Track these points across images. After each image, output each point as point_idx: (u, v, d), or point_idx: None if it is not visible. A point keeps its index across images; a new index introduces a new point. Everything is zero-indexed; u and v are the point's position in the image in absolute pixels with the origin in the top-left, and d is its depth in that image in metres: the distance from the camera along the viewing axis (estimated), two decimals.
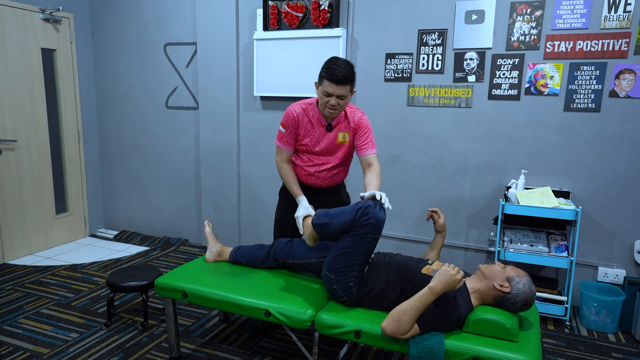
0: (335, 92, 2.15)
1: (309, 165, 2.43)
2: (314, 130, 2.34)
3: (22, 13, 3.79)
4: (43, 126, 4.03)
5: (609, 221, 3.01)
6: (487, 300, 1.95)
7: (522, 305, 1.91)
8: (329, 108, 2.21)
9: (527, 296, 1.90)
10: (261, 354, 2.55)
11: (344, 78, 2.13)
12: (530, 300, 1.91)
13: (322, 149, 2.37)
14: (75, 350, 2.53)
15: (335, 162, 2.42)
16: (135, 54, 4.27)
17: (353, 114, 2.35)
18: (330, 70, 2.13)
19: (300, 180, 2.46)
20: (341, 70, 2.12)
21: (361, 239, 1.99)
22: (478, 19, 3.10)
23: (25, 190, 3.94)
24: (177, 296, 2.32)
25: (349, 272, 2.05)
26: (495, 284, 1.92)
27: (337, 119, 2.33)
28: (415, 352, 1.82)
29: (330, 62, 2.17)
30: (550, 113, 3.03)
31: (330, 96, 2.17)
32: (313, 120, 2.33)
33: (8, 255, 3.86)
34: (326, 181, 2.46)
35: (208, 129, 4.02)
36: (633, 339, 2.82)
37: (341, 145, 2.37)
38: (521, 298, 1.89)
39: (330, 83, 2.13)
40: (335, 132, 2.34)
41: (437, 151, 3.36)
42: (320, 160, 2.41)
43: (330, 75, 2.12)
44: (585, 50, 2.90)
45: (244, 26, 3.77)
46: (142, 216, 4.58)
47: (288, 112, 2.33)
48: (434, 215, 2.37)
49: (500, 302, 1.92)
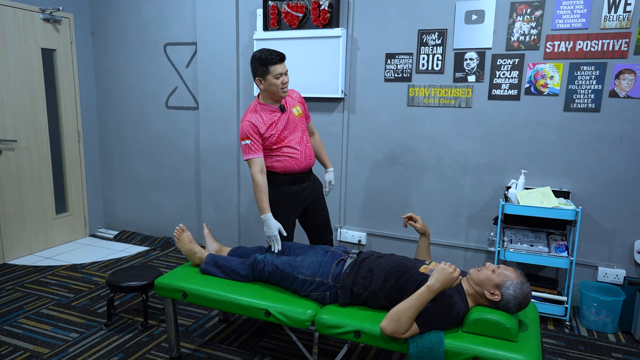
0: (283, 70, 2.46)
1: (294, 151, 2.58)
2: (273, 120, 2.53)
3: (22, 13, 3.79)
4: (43, 126, 4.03)
5: (609, 221, 3.01)
6: (481, 304, 1.96)
7: (516, 309, 1.90)
8: (282, 87, 2.47)
9: (519, 300, 1.88)
10: (261, 354, 2.55)
11: (283, 55, 2.46)
12: (524, 302, 1.90)
13: (290, 130, 2.58)
14: (75, 350, 2.53)
15: (305, 134, 2.68)
16: (135, 54, 4.27)
17: (291, 92, 2.67)
18: (272, 55, 2.42)
19: (296, 172, 2.60)
20: (275, 52, 2.44)
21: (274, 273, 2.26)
22: (478, 19, 3.10)
23: (25, 190, 3.94)
24: (177, 296, 2.32)
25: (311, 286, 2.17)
26: (486, 293, 1.91)
27: (283, 100, 2.59)
28: (414, 352, 1.82)
29: (260, 53, 2.44)
30: (550, 113, 3.04)
31: (281, 76, 2.44)
32: (267, 115, 2.53)
33: (8, 255, 3.86)
34: (310, 155, 2.67)
35: (208, 129, 4.02)
36: (633, 339, 2.82)
37: (300, 117, 2.64)
38: (513, 304, 1.88)
39: (278, 64, 2.43)
40: (289, 110, 2.59)
41: (437, 151, 3.36)
42: (296, 140, 2.60)
43: (275, 58, 2.42)
44: (585, 50, 2.90)
45: (244, 26, 3.77)
46: (142, 216, 4.58)
47: (242, 126, 2.48)
48: (410, 221, 2.41)
49: (495, 307, 1.93)
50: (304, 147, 2.62)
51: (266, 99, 2.54)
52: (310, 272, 2.17)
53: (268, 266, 2.27)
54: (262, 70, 2.43)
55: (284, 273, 2.22)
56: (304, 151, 2.61)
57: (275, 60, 2.41)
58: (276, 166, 2.57)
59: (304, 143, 2.63)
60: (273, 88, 2.46)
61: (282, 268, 2.23)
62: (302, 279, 2.17)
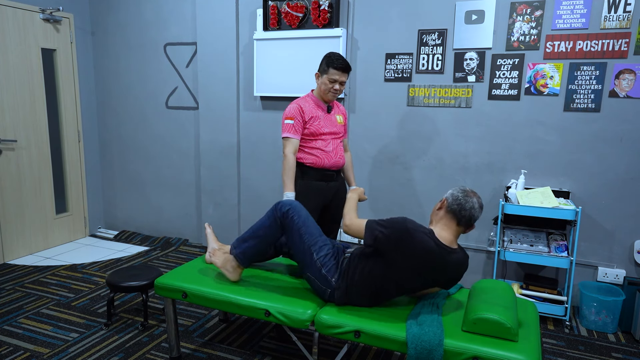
0: (339, 79, 2.57)
1: (326, 146, 2.68)
2: (317, 114, 2.66)
3: (22, 13, 3.79)
4: (43, 126, 4.04)
5: (609, 221, 3.02)
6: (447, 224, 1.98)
7: (465, 196, 1.96)
8: (332, 92, 2.61)
9: (457, 197, 1.96)
10: (261, 354, 2.55)
11: (347, 67, 2.58)
12: (467, 189, 1.98)
13: (330, 129, 2.70)
14: (75, 350, 2.53)
15: (340, 140, 2.78)
16: (135, 54, 4.27)
17: (337, 104, 2.83)
18: (337, 60, 2.55)
19: (325, 168, 2.68)
20: (343, 61, 2.57)
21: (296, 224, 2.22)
22: (478, 19, 3.10)
23: (25, 190, 3.94)
24: (177, 296, 2.32)
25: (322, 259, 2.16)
26: (434, 209, 2.04)
27: (332, 103, 2.74)
28: (413, 352, 1.82)
29: (332, 54, 2.58)
30: (550, 113, 3.04)
31: (335, 82, 2.57)
32: (314, 106, 2.67)
33: (8, 255, 3.86)
34: (341, 155, 2.76)
35: (208, 129, 4.02)
36: (633, 339, 2.82)
37: (340, 125, 2.78)
38: (455, 193, 1.97)
39: (337, 71, 2.55)
40: (333, 114, 2.74)
41: (437, 151, 3.36)
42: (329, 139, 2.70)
43: (337, 64, 2.54)
44: (585, 50, 2.90)
45: (244, 26, 3.78)
46: (142, 216, 4.58)
47: (292, 107, 2.63)
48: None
49: (454, 215, 1.96)
50: (336, 146, 2.72)
51: (318, 94, 2.69)
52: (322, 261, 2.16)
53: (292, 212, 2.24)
54: (324, 68, 2.58)
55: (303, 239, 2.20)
56: (335, 149, 2.71)
57: (338, 66, 2.54)
58: (307, 158, 2.66)
59: (337, 144, 2.74)
60: (323, 87, 2.61)
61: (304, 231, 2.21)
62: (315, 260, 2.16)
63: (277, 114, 3.77)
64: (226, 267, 2.35)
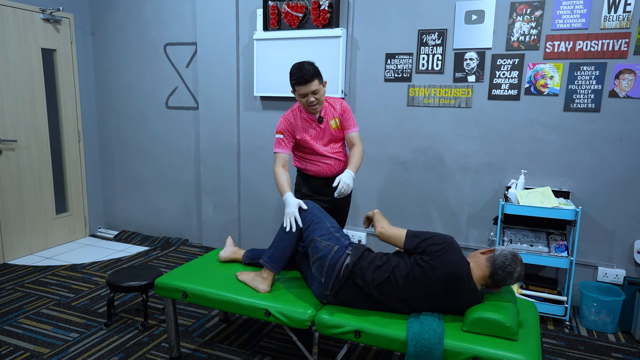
0: (307, 91, 2.41)
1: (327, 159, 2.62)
2: (310, 127, 2.57)
3: (22, 13, 3.79)
4: (43, 126, 4.04)
5: (609, 221, 3.02)
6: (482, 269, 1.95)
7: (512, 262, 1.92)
8: (310, 106, 2.47)
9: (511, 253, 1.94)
10: (261, 354, 2.55)
11: (308, 76, 2.38)
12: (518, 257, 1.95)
13: (326, 141, 2.61)
14: (76, 350, 2.53)
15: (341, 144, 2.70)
16: (135, 54, 4.27)
17: (334, 102, 2.63)
18: (295, 75, 2.41)
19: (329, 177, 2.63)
20: (303, 71, 2.39)
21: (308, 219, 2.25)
22: (478, 19, 3.10)
23: (25, 190, 3.94)
24: (177, 296, 2.32)
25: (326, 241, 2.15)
26: (478, 252, 2.00)
27: (323, 110, 2.58)
28: (413, 350, 1.82)
29: (291, 70, 2.44)
30: (550, 113, 3.04)
31: (306, 96, 2.43)
32: (305, 120, 2.57)
33: (8, 255, 3.86)
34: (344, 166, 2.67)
35: (208, 129, 4.02)
36: (633, 339, 2.82)
37: (337, 130, 2.63)
38: (506, 252, 1.94)
39: (300, 86, 2.40)
40: (326, 122, 2.59)
41: (437, 151, 3.36)
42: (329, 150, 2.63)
43: (297, 79, 2.40)
44: (585, 51, 2.90)
45: (244, 26, 3.78)
46: (142, 216, 4.58)
47: (282, 121, 2.56)
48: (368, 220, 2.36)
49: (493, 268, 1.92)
50: (337, 151, 2.64)
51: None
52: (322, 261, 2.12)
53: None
54: (291, 86, 2.46)
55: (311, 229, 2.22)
56: (335, 156, 2.63)
57: (298, 80, 2.39)
58: (310, 169, 2.64)
59: (337, 148, 2.65)
60: (301, 104, 2.52)
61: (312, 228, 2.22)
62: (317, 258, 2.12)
63: (277, 114, 3.77)
64: (256, 280, 2.29)
